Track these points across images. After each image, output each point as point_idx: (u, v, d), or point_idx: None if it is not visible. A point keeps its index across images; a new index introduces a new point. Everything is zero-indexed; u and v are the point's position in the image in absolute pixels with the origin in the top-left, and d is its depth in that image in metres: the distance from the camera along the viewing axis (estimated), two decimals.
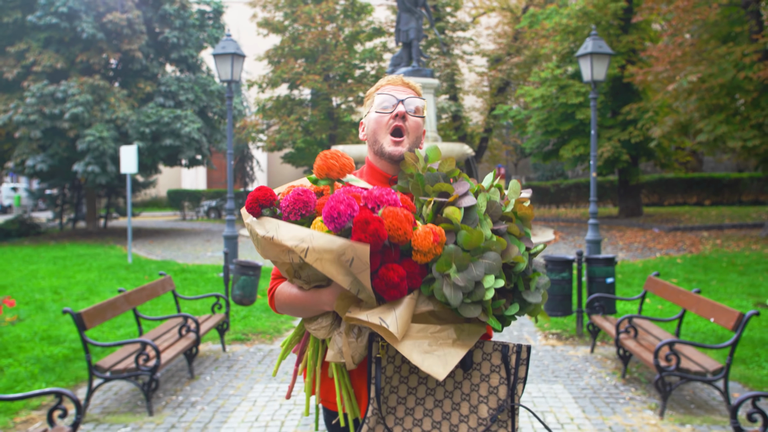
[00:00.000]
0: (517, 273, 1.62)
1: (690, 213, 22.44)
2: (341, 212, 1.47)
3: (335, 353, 1.64)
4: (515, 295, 1.64)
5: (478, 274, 1.53)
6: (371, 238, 1.44)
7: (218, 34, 20.17)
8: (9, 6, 16.35)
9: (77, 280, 10.75)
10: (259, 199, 1.61)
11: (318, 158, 1.65)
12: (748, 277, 10.43)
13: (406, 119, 1.86)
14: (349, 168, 1.66)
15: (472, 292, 1.53)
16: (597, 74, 10.75)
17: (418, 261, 1.54)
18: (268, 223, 1.58)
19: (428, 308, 1.57)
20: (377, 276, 1.50)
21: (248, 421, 4.55)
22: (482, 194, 1.66)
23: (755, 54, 14.06)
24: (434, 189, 1.66)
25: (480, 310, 1.54)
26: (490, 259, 1.55)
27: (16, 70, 16.49)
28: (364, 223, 1.45)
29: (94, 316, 4.72)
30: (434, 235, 1.52)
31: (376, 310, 1.52)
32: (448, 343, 1.55)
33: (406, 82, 1.94)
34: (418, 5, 18.14)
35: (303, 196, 1.58)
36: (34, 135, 15.88)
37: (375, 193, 1.56)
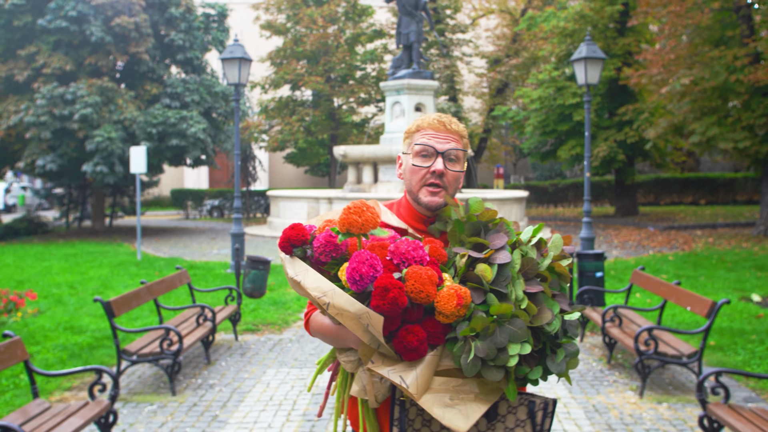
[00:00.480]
0: (547, 334, 1.58)
1: (685, 212, 22.88)
2: (363, 274, 1.47)
3: (360, 389, 1.65)
4: (541, 358, 1.60)
5: (502, 341, 1.50)
6: (389, 306, 1.44)
7: (222, 36, 20.60)
8: (20, 10, 16.76)
9: (90, 276, 11.18)
10: (291, 238, 1.62)
11: (343, 211, 1.62)
12: (735, 273, 10.86)
13: (445, 175, 1.81)
14: (372, 224, 1.61)
15: (496, 358, 1.50)
16: (591, 78, 11.17)
17: (441, 321, 1.53)
18: (298, 265, 1.60)
19: (451, 365, 1.56)
20: (396, 337, 1.51)
21: (263, 400, 4.97)
22: (518, 250, 1.62)
23: (746, 57, 14.48)
24: (470, 240, 1.63)
25: (502, 375, 1.51)
26: (516, 326, 1.51)
27: (27, 73, 16.90)
28: (383, 290, 1.45)
29: (122, 304, 5.16)
30: (458, 297, 1.50)
31: (397, 367, 1.52)
32: (470, 398, 1.54)
33: (449, 126, 1.85)
34: (418, 9, 18.57)
35: (334, 239, 1.59)
36: (44, 136, 16.30)
37: (402, 248, 1.55)
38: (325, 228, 1.63)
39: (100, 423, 3.91)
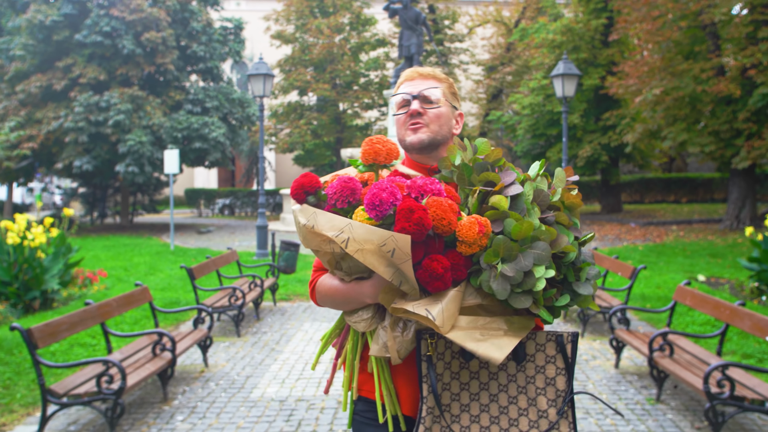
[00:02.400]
0: (567, 263, 1.58)
1: (665, 210, 24.67)
2: (383, 200, 1.45)
3: (380, 347, 1.61)
4: (565, 286, 1.60)
5: (527, 264, 1.49)
6: (415, 227, 1.41)
7: (239, 47, 22.40)
8: (59, 26, 18.55)
9: (136, 262, 12.96)
10: (305, 185, 1.60)
11: (364, 144, 1.63)
12: (691, 260, 12.64)
13: (423, 113, 1.81)
14: (395, 153, 1.64)
15: (522, 283, 1.49)
16: (567, 91, 12.96)
17: (463, 252, 1.50)
18: (308, 211, 1.56)
19: (476, 301, 1.53)
20: (421, 267, 1.47)
21: (305, 340, 6.77)
22: (529, 183, 1.62)
23: (711, 70, 16.27)
24: (480, 179, 1.61)
25: (531, 301, 1.50)
26: (540, 249, 1.51)
27: (64, 82, 18.69)
28: (408, 211, 1.42)
29: (197, 271, 6.95)
30: (480, 225, 1.49)
31: (422, 302, 1.48)
32: (500, 334, 1.51)
33: (421, 72, 1.88)
34: (418, 23, 20.36)
35: (350, 183, 1.56)
36: (81, 140, 18.09)
37: (419, 182, 1.53)
38: (335, 178, 1.61)
39: (200, 345, 5.71)
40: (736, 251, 13.29)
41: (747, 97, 16.06)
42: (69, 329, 4.32)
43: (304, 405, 4.82)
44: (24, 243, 8.06)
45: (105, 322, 4.86)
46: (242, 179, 33.84)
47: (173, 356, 4.88)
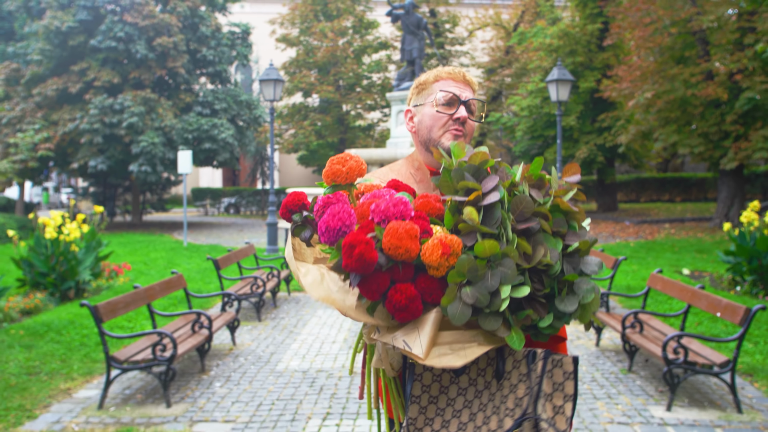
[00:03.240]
0: (552, 276, 1.44)
1: (659, 208, 25.42)
2: (330, 227, 1.42)
3: (377, 359, 1.62)
4: (551, 303, 1.45)
5: (492, 285, 1.39)
6: (357, 263, 1.36)
7: (246, 51, 23.16)
8: (74, 32, 19.30)
9: (153, 257, 13.70)
10: (289, 205, 1.57)
11: (327, 163, 1.58)
12: (678, 255, 13.38)
13: (466, 123, 1.81)
14: (357, 171, 1.56)
15: (490, 304, 1.39)
16: (561, 96, 13.69)
17: (433, 275, 1.42)
18: (287, 249, 1.60)
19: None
20: (386, 298, 1.42)
21: (320, 324, 7.51)
22: (504, 190, 1.49)
23: (700, 75, 17.00)
24: (459, 186, 1.52)
25: (499, 323, 1.40)
26: (506, 266, 1.40)
27: (79, 85, 19.44)
28: (348, 247, 1.37)
29: (226, 261, 7.69)
30: (443, 247, 1.39)
31: (399, 332, 1.44)
32: (472, 345, 1.44)
33: (467, 77, 1.86)
34: (420, 28, 21.09)
35: (331, 199, 1.53)
36: (96, 141, 18.84)
37: (382, 206, 1.44)
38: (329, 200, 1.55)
39: (229, 326, 6.46)
40: (722, 247, 14.03)
41: (734, 100, 16.79)
42: (124, 307, 5.07)
43: (324, 374, 5.57)
44: (60, 237, 8.81)
45: (151, 303, 5.60)
46: (248, 179, 34.58)
47: (210, 332, 5.62)
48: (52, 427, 4.40)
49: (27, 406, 4.76)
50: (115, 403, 4.87)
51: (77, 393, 5.11)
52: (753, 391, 5.07)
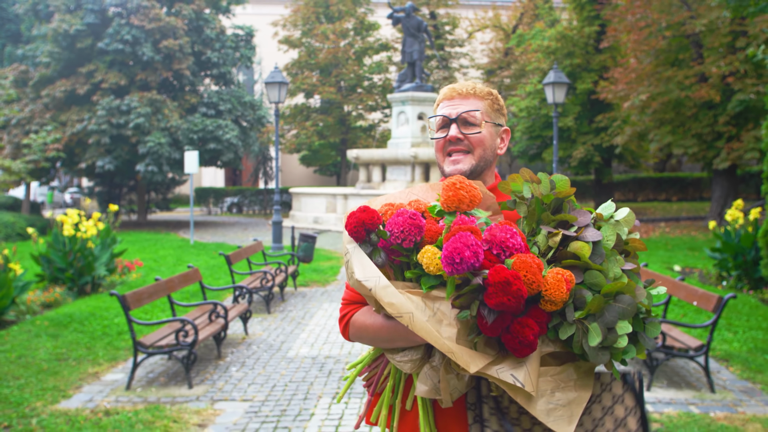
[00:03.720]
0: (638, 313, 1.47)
1: (656, 207, 25.86)
2: (465, 258, 1.33)
3: (429, 389, 1.49)
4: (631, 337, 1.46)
5: (611, 320, 1.39)
6: (514, 301, 1.30)
7: (250, 54, 23.58)
8: (82, 35, 19.72)
9: (161, 255, 14.13)
10: (366, 222, 1.46)
11: (447, 188, 1.48)
12: (670, 253, 13.80)
13: (464, 139, 1.73)
14: (478, 199, 1.50)
15: (605, 339, 1.39)
16: (557, 98, 14.12)
17: (547, 309, 1.40)
18: (371, 269, 1.44)
19: (549, 349, 1.45)
20: (509, 332, 1.36)
21: (326, 316, 7.94)
22: (608, 226, 1.50)
23: (694, 77, 17.43)
24: (556, 218, 1.50)
25: (608, 357, 1.40)
26: (624, 303, 1.41)
27: (86, 87, 19.85)
28: (505, 284, 1.30)
29: (236, 257, 8.12)
30: (567, 282, 1.38)
31: (504, 365, 1.38)
32: (570, 386, 1.43)
33: (459, 91, 1.78)
34: (420, 31, 21.54)
35: (416, 220, 1.44)
36: (103, 141, 19.27)
37: (498, 235, 1.39)
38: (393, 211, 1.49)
39: (242, 317, 6.90)
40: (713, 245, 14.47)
41: (727, 102, 17.21)
42: (148, 297, 5.50)
43: (332, 360, 6.00)
44: (77, 235, 9.24)
45: (170, 294, 6.04)
46: (250, 179, 34.99)
47: (225, 321, 6.05)
48: (86, 405, 4.83)
49: (60, 387, 5.19)
50: (140, 385, 5.30)
51: (105, 376, 5.55)
52: (728, 374, 5.49)
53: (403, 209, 1.47)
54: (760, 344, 6.25)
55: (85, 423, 4.42)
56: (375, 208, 1.52)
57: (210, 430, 4.38)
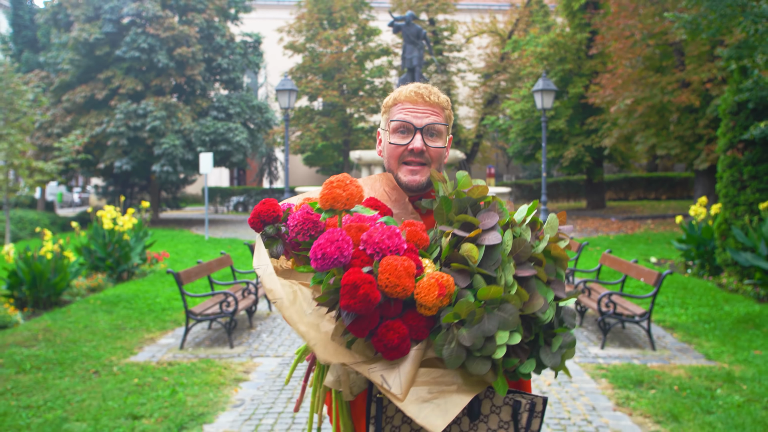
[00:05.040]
0: (540, 324, 1.43)
1: (645, 206, 27.05)
2: (327, 254, 1.33)
3: (334, 380, 1.55)
4: (534, 350, 1.44)
5: (490, 329, 1.35)
6: (360, 305, 1.30)
7: (258, 60, 24.80)
8: (100, 43, 20.94)
9: (180, 249, 15.32)
10: (262, 214, 1.50)
11: (324, 186, 1.46)
12: (650, 247, 15.00)
13: (425, 152, 1.68)
14: (357, 198, 1.46)
15: (482, 348, 1.36)
16: (546, 104, 15.31)
17: (423, 314, 1.38)
18: (263, 257, 1.48)
19: (434, 355, 1.42)
20: (376, 335, 1.36)
21: None
22: (509, 231, 1.46)
23: (676, 83, 18.62)
24: (458, 219, 1.48)
25: (488, 367, 1.36)
26: (507, 312, 1.37)
27: (104, 92, 21.06)
28: (352, 287, 1.30)
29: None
30: (440, 287, 1.36)
31: (378, 365, 1.39)
32: (452, 389, 1.40)
33: (426, 98, 1.70)
34: (419, 38, 22.71)
35: (312, 215, 1.46)
36: (121, 143, 20.48)
37: (375, 237, 1.38)
38: (302, 205, 1.49)
39: (249, 310, 8.10)
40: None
41: (706, 106, 18.40)
42: (195, 275, 6.71)
43: None
44: (115, 228, 10.44)
45: (210, 274, 7.24)
46: (255, 178, 36.17)
47: (256, 297, 7.26)
48: (150, 359, 6.03)
49: (126, 347, 6.40)
50: (190, 346, 6.50)
51: (159, 340, 6.75)
52: (671, 339, 6.69)
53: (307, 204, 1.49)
54: (703, 317, 7.45)
55: (155, 370, 5.62)
56: (296, 202, 1.58)
57: (253, 375, 5.58)
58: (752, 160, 8.80)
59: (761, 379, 5.21)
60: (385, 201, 1.69)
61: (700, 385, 5.10)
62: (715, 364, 5.75)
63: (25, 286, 8.15)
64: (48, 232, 8.67)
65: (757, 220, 8.57)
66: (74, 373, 5.50)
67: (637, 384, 5.19)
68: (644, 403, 4.75)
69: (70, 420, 4.42)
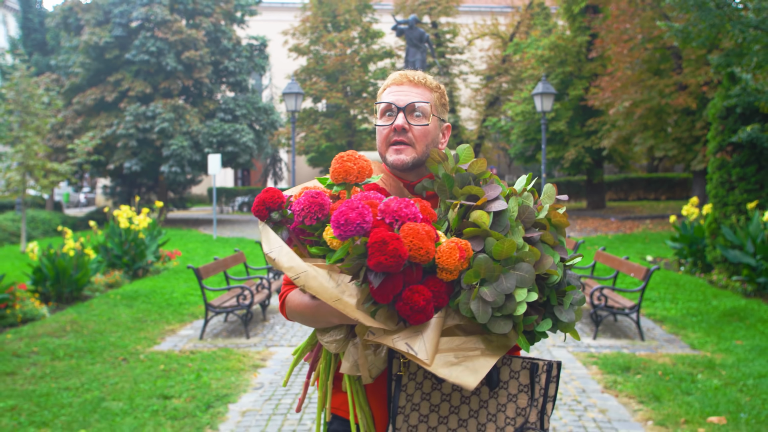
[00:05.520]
0: (551, 286, 1.50)
1: (644, 206, 27.45)
2: (350, 220, 1.36)
3: (351, 365, 1.56)
4: (547, 310, 1.52)
5: (509, 287, 1.42)
6: (392, 260, 1.32)
7: (263, 63, 25.27)
8: (110, 46, 21.42)
9: (190, 248, 15.77)
10: (266, 201, 1.52)
11: (334, 161, 1.51)
12: (646, 246, 15.42)
13: (409, 130, 1.70)
14: (367, 171, 1.51)
15: (503, 306, 1.42)
16: (545, 106, 15.74)
17: (443, 279, 1.43)
18: (274, 240, 1.49)
19: (455, 322, 1.47)
20: (401, 299, 1.39)
21: None
22: (514, 198, 1.54)
23: (673, 86, 19.05)
24: (463, 192, 1.54)
25: (510, 326, 1.42)
26: (523, 270, 1.43)
27: (114, 95, 21.55)
28: (381, 243, 1.33)
29: None
30: (460, 250, 1.41)
31: (401, 335, 1.42)
32: (476, 354, 1.44)
33: (411, 78, 1.75)
34: (422, 42, 23.18)
35: (318, 198, 1.46)
36: (131, 144, 20.95)
37: (393, 205, 1.43)
38: (303, 192, 1.50)
39: (262, 304, 8.55)
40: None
41: (703, 109, 18.82)
42: (213, 270, 7.15)
43: None
44: (131, 227, 10.89)
45: (226, 270, 7.69)
46: (260, 179, 36.62)
47: (269, 291, 7.71)
48: (173, 348, 6.48)
49: (149, 337, 6.85)
50: (209, 337, 6.95)
51: (179, 332, 7.20)
52: (660, 331, 7.13)
53: (312, 189, 1.51)
54: (692, 311, 7.88)
55: (179, 358, 6.07)
56: (294, 192, 1.59)
57: (269, 362, 6.03)
58: (740, 163, 9.23)
59: (739, 365, 5.64)
60: (383, 186, 1.75)
61: (683, 371, 5.53)
62: (698, 352, 6.18)
63: (49, 281, 8.60)
64: (69, 230, 9.13)
65: (744, 220, 9.00)
66: (104, 360, 5.95)
67: (625, 370, 5.62)
68: (630, 386, 5.19)
69: (107, 399, 4.87)
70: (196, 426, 4.40)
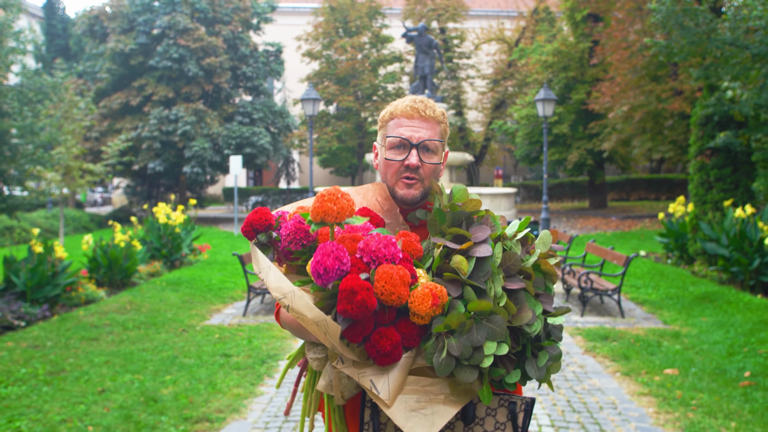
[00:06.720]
0: (527, 336, 1.49)
1: (645, 206, 28.48)
2: (328, 268, 1.37)
3: (326, 384, 1.58)
4: (519, 360, 1.51)
5: (478, 339, 1.41)
6: (357, 310, 1.34)
7: (279, 68, 26.46)
8: (134, 53, 22.64)
9: (215, 243, 16.92)
10: (254, 223, 1.54)
11: (315, 200, 1.49)
12: (641, 242, 16.48)
13: (421, 167, 1.73)
14: (348, 211, 1.49)
15: (470, 357, 1.42)
16: (547, 112, 16.81)
17: (415, 323, 1.44)
18: (263, 261, 1.51)
19: (424, 363, 1.48)
20: (369, 341, 1.41)
21: None
22: (499, 244, 1.52)
23: (670, 91, 20.09)
24: (450, 231, 1.54)
25: (476, 376, 1.42)
26: (495, 324, 1.43)
27: (138, 99, 22.75)
28: (350, 293, 1.35)
29: None
30: (433, 297, 1.42)
31: (369, 370, 1.45)
32: (440, 399, 1.46)
33: (422, 113, 1.74)
34: (431, 48, 24.29)
35: (304, 225, 1.50)
36: (154, 146, 22.15)
37: (372, 245, 1.43)
38: (295, 214, 1.53)
39: None
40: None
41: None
42: (248, 259, 8.28)
43: None
44: (168, 222, 12.05)
45: None
46: (273, 179, 37.81)
47: None
48: (221, 323, 7.62)
49: (199, 314, 7.99)
50: (251, 314, 8.09)
51: (224, 310, 8.35)
52: (640, 311, 8.22)
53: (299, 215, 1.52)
54: (671, 296, 8.97)
55: (229, 329, 7.21)
56: (290, 210, 1.62)
57: None
58: (717, 165, 10.30)
59: (700, 335, 6.74)
60: (378, 211, 1.74)
61: (652, 339, 6.63)
62: (669, 327, 7.28)
63: (102, 269, 9.76)
64: (118, 224, 10.29)
65: (720, 216, 10.07)
66: (168, 331, 7.10)
67: (604, 339, 6.73)
68: (606, 350, 6.30)
69: (180, 357, 6.01)
70: (257, 374, 5.53)
